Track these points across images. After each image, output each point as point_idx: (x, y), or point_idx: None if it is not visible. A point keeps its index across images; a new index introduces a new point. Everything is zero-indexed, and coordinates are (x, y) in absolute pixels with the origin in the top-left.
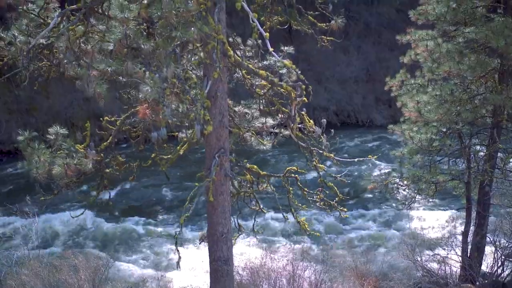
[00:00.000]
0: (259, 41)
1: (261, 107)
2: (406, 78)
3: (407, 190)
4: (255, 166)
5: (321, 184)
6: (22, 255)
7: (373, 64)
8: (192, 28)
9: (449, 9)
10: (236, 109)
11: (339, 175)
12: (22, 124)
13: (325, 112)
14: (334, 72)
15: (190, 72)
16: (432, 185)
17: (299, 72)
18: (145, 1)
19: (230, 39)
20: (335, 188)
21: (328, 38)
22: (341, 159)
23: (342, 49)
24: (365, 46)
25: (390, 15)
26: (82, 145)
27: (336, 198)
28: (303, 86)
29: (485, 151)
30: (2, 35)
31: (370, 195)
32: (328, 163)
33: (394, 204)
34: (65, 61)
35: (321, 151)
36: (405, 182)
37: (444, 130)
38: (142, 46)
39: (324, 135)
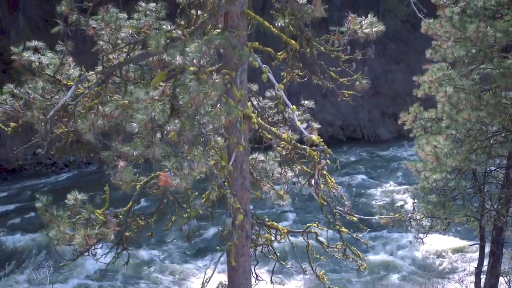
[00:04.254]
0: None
1: (282, 167)
2: (419, 112)
3: (420, 224)
4: (275, 223)
5: (343, 247)
6: None
7: (378, 77)
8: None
9: (468, 53)
10: (253, 156)
11: (360, 235)
12: (27, 141)
13: (331, 127)
14: (340, 86)
15: (213, 141)
16: (445, 222)
17: (317, 125)
18: (170, 83)
19: (252, 97)
20: (358, 252)
21: (349, 92)
22: (363, 217)
23: (347, 61)
24: (370, 58)
25: (396, 26)
26: (102, 210)
27: (359, 264)
28: (328, 150)
29: (500, 192)
30: (18, 93)
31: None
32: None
33: (405, 235)
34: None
35: (344, 214)
36: (418, 217)
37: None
38: (168, 128)
39: (346, 194)
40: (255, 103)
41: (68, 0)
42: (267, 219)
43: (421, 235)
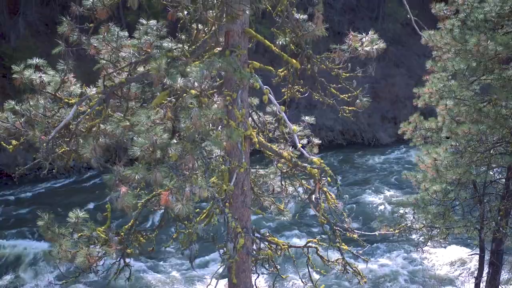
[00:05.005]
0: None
1: (282, 182)
2: (419, 121)
3: (419, 233)
4: (276, 238)
5: (344, 264)
6: None
7: (378, 80)
8: (221, 135)
9: (469, 66)
10: (254, 171)
11: (361, 251)
12: (27, 146)
13: (332, 131)
14: (340, 90)
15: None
16: (445, 232)
17: (317, 141)
18: (170, 104)
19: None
20: (358, 269)
21: (349, 108)
22: (364, 232)
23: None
24: (369, 63)
25: (396, 30)
26: (103, 227)
27: (359, 279)
28: (329, 172)
29: (499, 203)
30: (19, 110)
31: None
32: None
33: (406, 244)
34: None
35: (344, 231)
36: (418, 227)
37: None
38: (170, 152)
39: (346, 210)
40: (255, 117)
41: (69, 21)
42: (267, 234)
43: (421, 245)
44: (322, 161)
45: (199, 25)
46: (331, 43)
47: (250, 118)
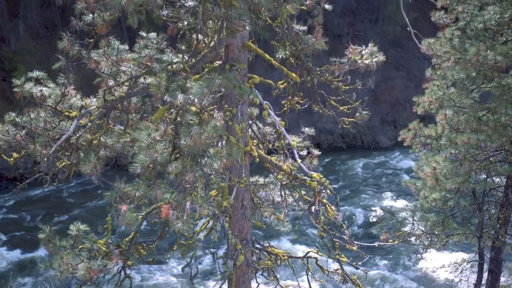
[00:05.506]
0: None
1: (282, 193)
2: (419, 128)
3: (419, 240)
4: (275, 249)
5: (343, 274)
6: None
7: (378, 83)
8: (221, 152)
9: (468, 76)
10: (253, 180)
11: (360, 263)
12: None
13: (331, 135)
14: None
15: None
16: (444, 239)
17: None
18: (172, 126)
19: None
20: (357, 281)
21: (349, 120)
22: (364, 243)
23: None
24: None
25: (396, 33)
26: (104, 240)
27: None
28: (329, 186)
29: (498, 212)
30: (20, 122)
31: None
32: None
33: (405, 250)
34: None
35: (344, 243)
36: (418, 233)
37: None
38: (170, 169)
39: (346, 222)
40: (255, 128)
41: (69, 37)
42: (267, 245)
43: (420, 251)
44: (321, 176)
45: (199, 36)
46: (331, 45)
47: (250, 129)
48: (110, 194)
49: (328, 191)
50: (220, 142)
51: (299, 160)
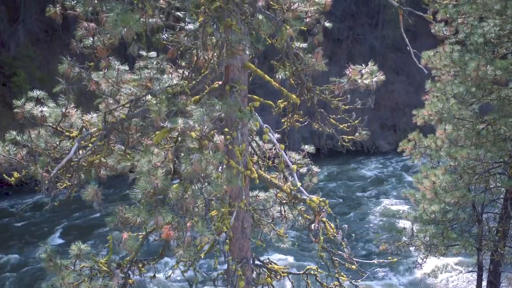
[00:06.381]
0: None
1: (282, 210)
2: (419, 139)
3: (418, 250)
4: (275, 265)
5: None
6: None
7: (377, 88)
8: (221, 177)
9: (468, 92)
10: (253, 195)
11: (359, 280)
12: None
13: (331, 139)
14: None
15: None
16: (443, 250)
17: (317, 169)
18: (173, 154)
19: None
20: None
21: (349, 137)
22: (363, 260)
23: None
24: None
25: (396, 37)
26: (105, 259)
27: None
28: (329, 209)
29: (497, 225)
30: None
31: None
32: None
33: (404, 260)
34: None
35: (343, 262)
36: (417, 243)
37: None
38: (171, 195)
39: (345, 239)
40: (254, 144)
41: (69, 61)
42: (267, 261)
43: (419, 261)
44: (321, 199)
45: (199, 52)
46: (331, 49)
47: (249, 146)
48: (111, 220)
49: (328, 209)
50: (220, 167)
51: (299, 184)
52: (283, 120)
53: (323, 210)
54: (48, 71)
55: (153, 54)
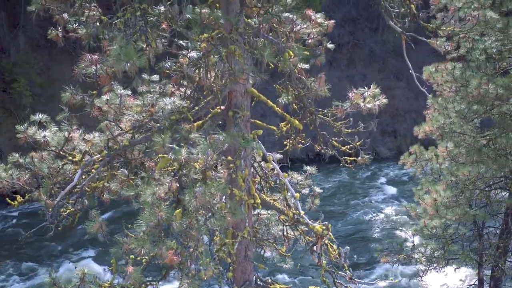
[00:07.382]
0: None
1: (285, 232)
2: (420, 153)
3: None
4: (278, 285)
5: None
6: None
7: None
8: (224, 209)
9: (469, 110)
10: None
11: None
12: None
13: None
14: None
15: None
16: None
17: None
18: (177, 184)
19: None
20: None
21: (350, 158)
22: (364, 282)
23: (347, 78)
24: (369, 75)
25: (396, 42)
26: (109, 282)
27: None
28: (331, 237)
29: (498, 241)
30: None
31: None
32: None
33: (404, 272)
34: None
35: (346, 285)
36: (418, 256)
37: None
38: (175, 226)
39: (347, 261)
40: (256, 164)
41: (72, 90)
42: (269, 281)
43: (420, 273)
44: (324, 227)
45: (202, 72)
46: (331, 55)
47: (252, 168)
48: (115, 251)
49: (330, 233)
50: (223, 197)
51: (302, 212)
52: (285, 142)
53: (326, 234)
54: (48, 77)
55: (155, 77)
